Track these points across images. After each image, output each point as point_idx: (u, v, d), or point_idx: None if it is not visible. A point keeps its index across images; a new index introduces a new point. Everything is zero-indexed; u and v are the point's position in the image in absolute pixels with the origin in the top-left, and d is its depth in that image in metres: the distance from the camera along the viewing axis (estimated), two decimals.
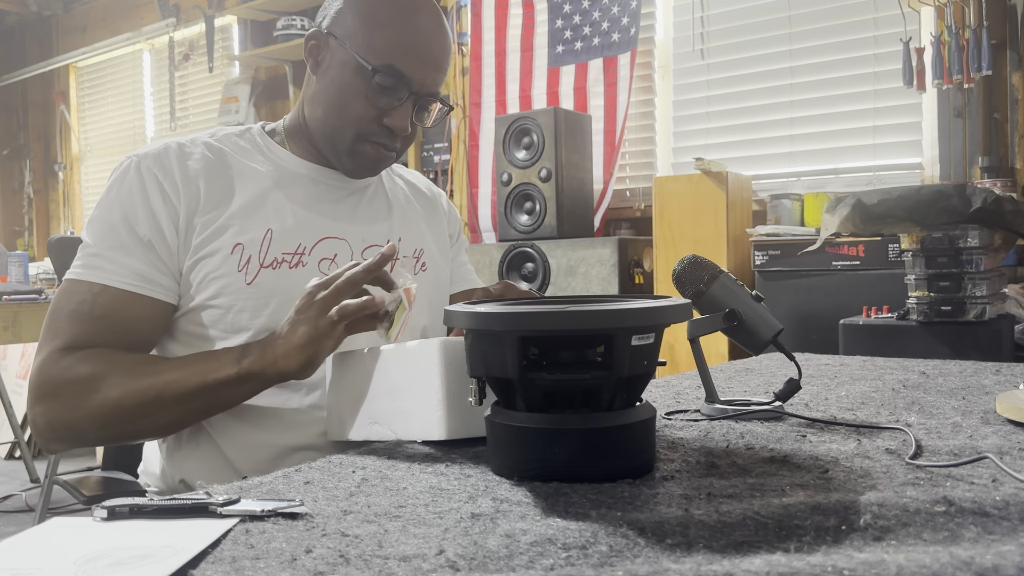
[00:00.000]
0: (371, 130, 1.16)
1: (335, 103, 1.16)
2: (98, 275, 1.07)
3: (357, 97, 1.14)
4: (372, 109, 1.14)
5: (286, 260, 1.13)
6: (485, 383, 0.78)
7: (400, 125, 1.15)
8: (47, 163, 6.52)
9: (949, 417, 0.98)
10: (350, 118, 1.15)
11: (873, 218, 2.21)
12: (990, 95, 2.92)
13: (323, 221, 1.19)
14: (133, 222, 1.09)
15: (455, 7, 4.09)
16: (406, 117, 1.15)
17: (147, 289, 1.08)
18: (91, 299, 1.06)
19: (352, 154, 1.18)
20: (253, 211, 1.13)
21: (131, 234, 1.09)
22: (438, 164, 4.26)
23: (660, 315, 0.72)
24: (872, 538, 0.56)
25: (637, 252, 3.24)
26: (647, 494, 0.68)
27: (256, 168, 1.18)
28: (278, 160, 1.21)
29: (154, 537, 0.59)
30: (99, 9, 6.06)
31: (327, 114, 1.17)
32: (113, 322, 1.06)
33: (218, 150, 1.16)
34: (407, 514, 0.64)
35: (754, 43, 3.46)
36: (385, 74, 1.12)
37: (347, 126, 1.16)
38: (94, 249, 1.08)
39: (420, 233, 1.32)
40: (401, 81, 1.13)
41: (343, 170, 1.22)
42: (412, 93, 1.15)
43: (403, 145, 1.20)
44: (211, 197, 1.12)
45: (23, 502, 3.56)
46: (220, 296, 1.10)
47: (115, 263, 1.08)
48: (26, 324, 3.32)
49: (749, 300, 1.02)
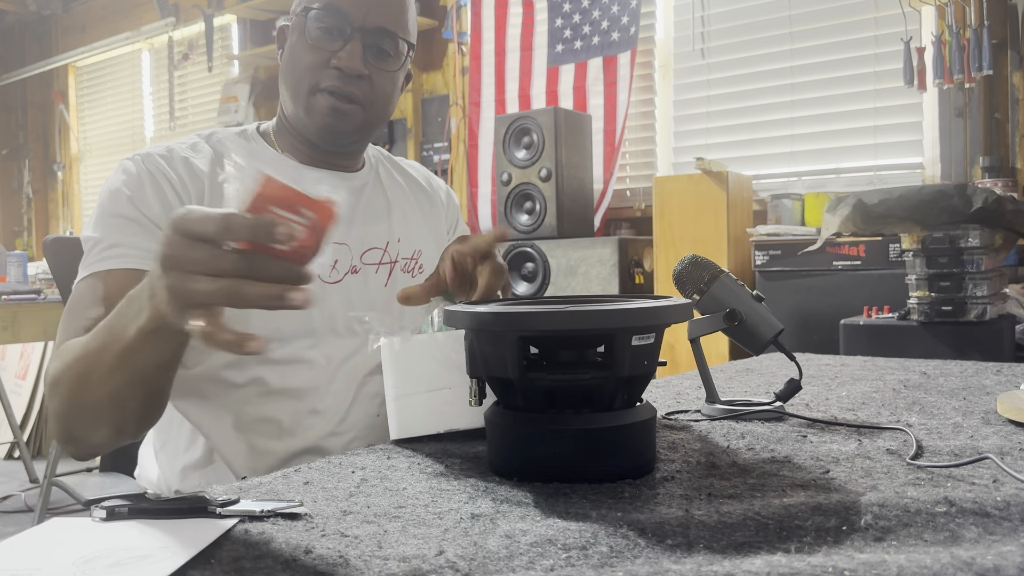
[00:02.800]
0: (321, 77, 1.11)
1: (288, 67, 1.13)
2: (103, 264, 1.01)
3: (301, 50, 1.11)
4: (319, 54, 1.10)
5: None
6: (485, 383, 0.78)
7: (349, 64, 1.09)
8: (46, 163, 6.52)
9: (950, 417, 0.98)
10: (301, 71, 1.11)
11: (874, 218, 2.21)
12: (991, 95, 2.92)
13: None
14: (141, 204, 1.05)
15: (455, 7, 4.09)
16: (355, 56, 1.09)
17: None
18: (97, 286, 1.00)
19: (310, 111, 1.12)
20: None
21: (138, 215, 1.04)
22: (438, 164, 4.26)
23: (660, 315, 0.72)
24: (873, 538, 0.56)
25: (637, 252, 3.24)
26: (647, 494, 0.68)
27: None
28: (271, 159, 1.17)
29: (154, 537, 0.58)
30: (98, 8, 6.06)
31: (285, 83, 1.14)
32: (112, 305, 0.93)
33: (216, 152, 1.13)
34: (407, 514, 0.64)
35: (754, 43, 3.46)
36: (320, 10, 1.09)
37: (300, 82, 1.12)
38: (99, 244, 1.03)
39: (419, 234, 1.29)
40: (340, 17, 1.09)
41: (315, 137, 1.16)
42: (356, 29, 1.09)
43: (368, 97, 1.13)
44: (215, 202, 1.08)
45: (22, 502, 3.56)
46: None
47: (120, 246, 1.02)
48: (25, 324, 3.32)
49: (750, 300, 1.02)
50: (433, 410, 0.89)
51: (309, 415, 1.10)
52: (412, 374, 0.88)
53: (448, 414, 0.89)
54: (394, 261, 1.21)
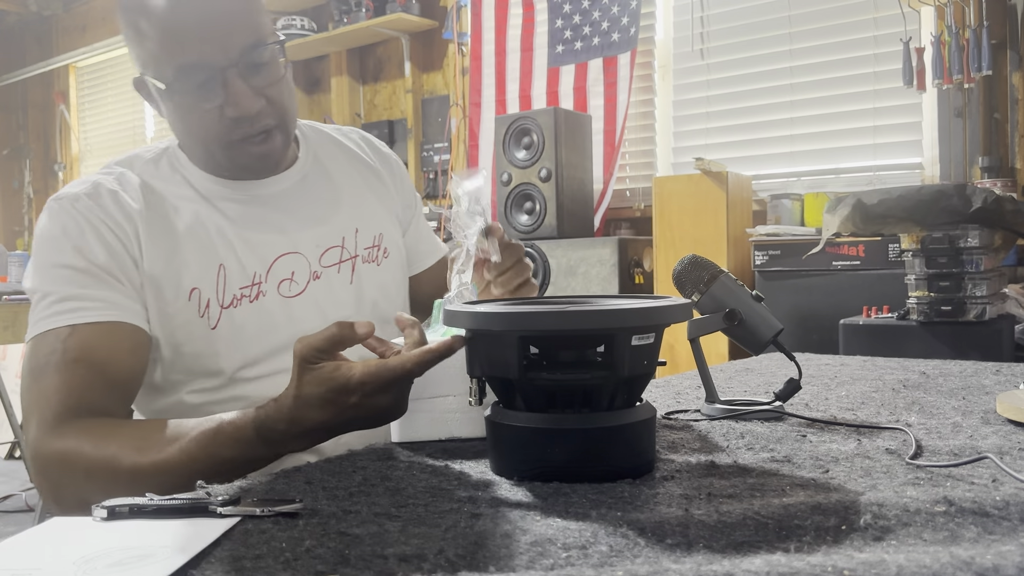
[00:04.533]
0: (225, 132, 1.02)
1: (186, 134, 1.06)
2: (61, 319, 0.96)
3: (188, 117, 1.02)
4: (207, 114, 1.01)
5: (246, 296, 1.05)
6: (485, 383, 0.78)
7: (243, 106, 0.99)
8: (47, 163, 6.52)
9: (949, 417, 0.98)
10: (202, 137, 1.03)
11: (873, 218, 2.21)
12: (990, 95, 2.92)
13: (270, 238, 1.09)
14: (87, 252, 0.99)
15: (455, 7, 4.09)
16: (244, 95, 0.99)
17: (120, 315, 0.98)
18: (61, 347, 0.94)
19: (233, 161, 1.06)
20: (198, 247, 1.04)
21: (87, 265, 0.98)
22: (438, 164, 4.26)
23: (660, 315, 0.72)
24: (872, 538, 0.56)
25: (637, 252, 3.24)
26: (647, 494, 0.68)
27: (184, 195, 1.07)
28: (199, 181, 1.09)
29: (154, 537, 0.59)
30: (99, 9, 6.06)
31: (191, 145, 1.08)
32: (91, 364, 0.94)
33: (145, 184, 1.06)
34: (407, 514, 0.64)
35: (754, 43, 3.46)
36: (183, 77, 0.98)
37: (208, 144, 1.04)
38: (48, 296, 0.97)
39: (375, 215, 1.20)
40: (202, 69, 0.98)
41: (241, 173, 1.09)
42: (226, 68, 0.98)
43: (277, 113, 1.05)
44: (154, 237, 1.02)
45: (23, 502, 3.56)
46: (187, 344, 1.03)
47: (76, 299, 0.96)
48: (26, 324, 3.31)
49: (749, 300, 1.02)
50: (435, 417, 0.89)
51: None
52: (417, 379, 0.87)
53: (450, 421, 0.89)
54: (355, 256, 1.15)
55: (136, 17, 0.99)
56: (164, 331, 1.03)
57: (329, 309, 1.11)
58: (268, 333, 1.06)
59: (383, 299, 1.18)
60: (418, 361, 0.78)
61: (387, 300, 1.19)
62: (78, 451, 0.89)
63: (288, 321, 1.07)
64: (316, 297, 1.11)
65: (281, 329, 1.07)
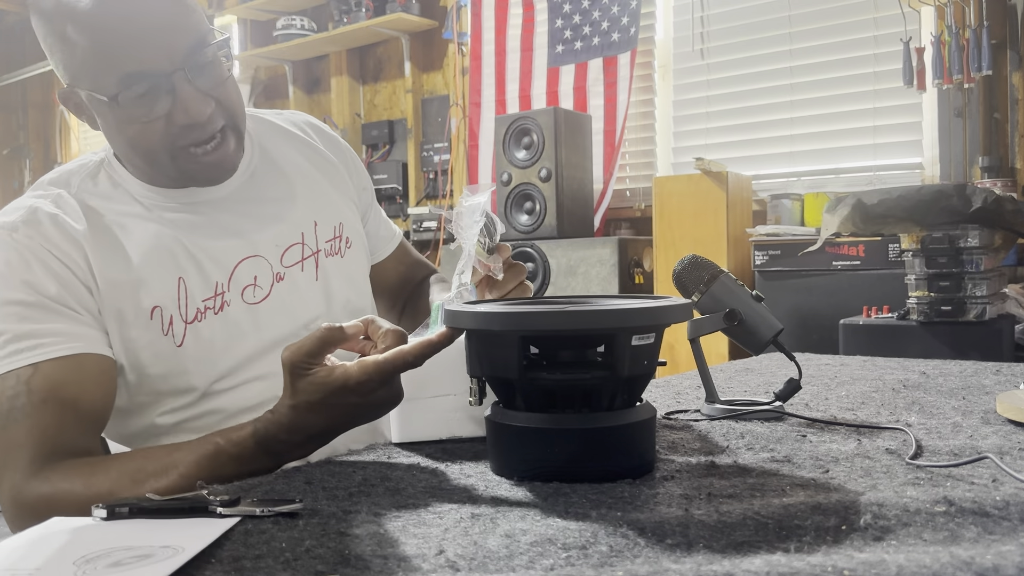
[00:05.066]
0: (173, 139, 0.97)
1: (130, 147, 0.99)
2: (20, 359, 0.89)
3: (133, 130, 0.96)
4: (154, 124, 0.95)
5: (209, 308, 1.01)
6: (485, 383, 0.78)
7: (193, 111, 0.94)
8: (47, 163, 6.51)
9: (949, 417, 0.98)
10: (149, 148, 0.97)
11: (873, 218, 2.22)
12: (990, 95, 2.92)
13: (228, 244, 1.04)
14: (36, 285, 0.92)
15: (455, 7, 4.09)
16: (193, 99, 0.94)
17: (82, 346, 0.92)
18: (25, 388, 0.88)
19: (183, 171, 1.00)
20: (153, 263, 0.99)
21: (38, 298, 0.92)
22: (438, 164, 4.26)
23: (660, 315, 0.72)
24: (872, 538, 0.56)
25: (637, 252, 3.24)
26: (647, 494, 0.68)
27: (129, 211, 1.01)
28: (143, 194, 1.03)
29: (154, 537, 0.59)
30: None
31: (136, 160, 1.01)
32: (61, 401, 0.88)
33: (85, 204, 0.99)
34: (407, 514, 0.64)
35: (754, 43, 3.46)
36: (129, 87, 0.92)
37: (155, 155, 0.98)
38: (2, 335, 0.90)
39: (332, 204, 1.15)
40: (148, 78, 0.92)
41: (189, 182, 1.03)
42: (168, 75, 0.93)
43: (227, 113, 1.00)
44: (104, 259, 0.97)
45: None
46: (153, 366, 0.98)
47: (32, 337, 0.90)
48: None
49: (749, 300, 1.02)
50: (436, 416, 0.89)
51: None
52: (416, 378, 0.87)
53: (451, 421, 0.89)
54: (317, 251, 1.10)
55: (62, 25, 0.91)
56: (128, 355, 0.98)
57: (298, 310, 1.07)
58: (236, 343, 1.02)
59: (352, 292, 1.14)
60: (418, 353, 0.77)
61: (356, 292, 1.15)
62: (69, 492, 0.84)
63: (255, 328, 1.03)
64: (283, 299, 1.06)
65: (249, 337, 1.02)
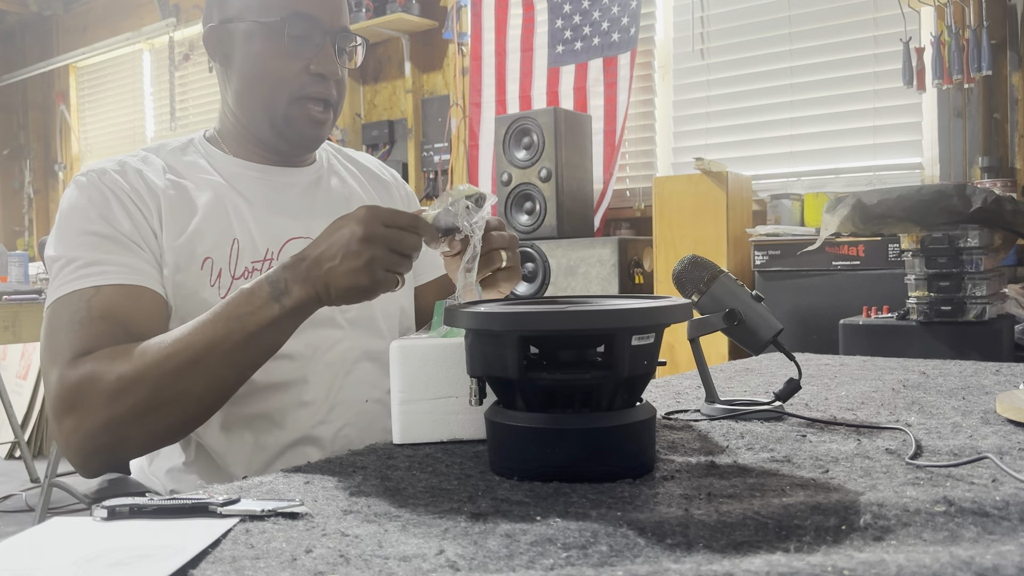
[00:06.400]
0: (301, 84, 1.11)
1: (258, 77, 1.12)
2: (86, 281, 1.00)
3: (276, 59, 1.11)
4: (295, 62, 1.11)
5: (257, 269, 1.10)
6: (485, 383, 0.78)
7: (330, 68, 1.11)
8: (47, 163, 6.52)
9: (949, 417, 0.98)
10: (277, 81, 1.11)
11: (873, 218, 2.22)
12: (990, 95, 2.92)
13: (285, 221, 1.15)
14: (112, 221, 1.04)
15: (455, 7, 4.09)
16: (331, 59, 1.12)
17: (142, 280, 1.03)
18: (86, 305, 0.98)
19: (289, 121, 1.13)
20: (215, 222, 1.10)
21: (113, 232, 1.03)
22: (438, 164, 4.26)
23: (660, 315, 0.72)
24: (872, 538, 0.56)
25: (637, 252, 3.24)
26: (647, 494, 0.68)
27: (207, 179, 1.14)
28: (225, 166, 1.17)
29: (154, 537, 0.59)
30: (99, 9, 6.06)
31: (255, 93, 1.13)
32: (116, 320, 0.98)
33: (169, 166, 1.13)
34: (407, 514, 0.64)
35: (754, 43, 3.46)
36: (294, 22, 1.09)
37: (277, 92, 1.12)
38: (74, 261, 1.01)
39: None
40: (312, 24, 1.11)
41: (287, 145, 1.17)
42: (327, 33, 1.12)
43: (338, 98, 1.16)
44: (173, 213, 1.08)
45: (23, 502, 3.56)
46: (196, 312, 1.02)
47: (100, 264, 1.01)
48: (26, 324, 3.31)
49: (749, 300, 1.02)
50: (438, 418, 0.89)
51: (297, 407, 1.10)
52: (419, 379, 0.87)
53: (453, 423, 0.89)
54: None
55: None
56: (176, 300, 1.07)
57: None
58: None
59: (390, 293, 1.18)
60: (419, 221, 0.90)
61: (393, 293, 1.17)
62: (103, 369, 0.93)
63: None
64: None
65: None
